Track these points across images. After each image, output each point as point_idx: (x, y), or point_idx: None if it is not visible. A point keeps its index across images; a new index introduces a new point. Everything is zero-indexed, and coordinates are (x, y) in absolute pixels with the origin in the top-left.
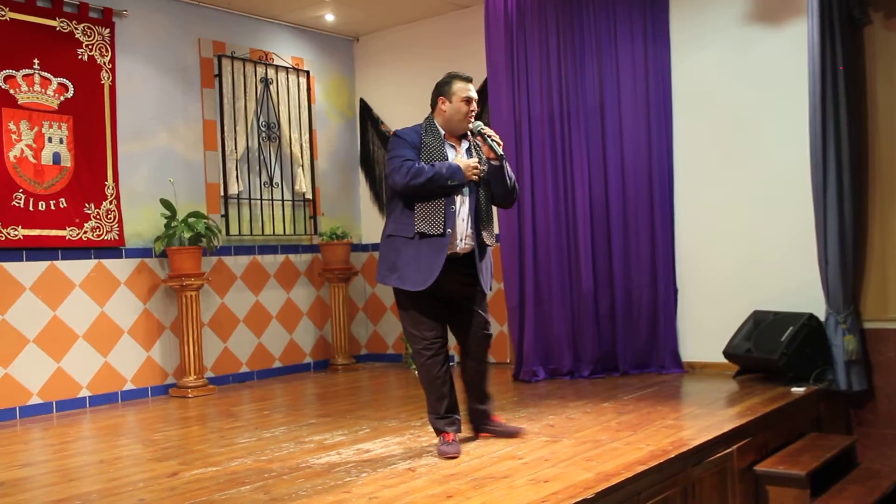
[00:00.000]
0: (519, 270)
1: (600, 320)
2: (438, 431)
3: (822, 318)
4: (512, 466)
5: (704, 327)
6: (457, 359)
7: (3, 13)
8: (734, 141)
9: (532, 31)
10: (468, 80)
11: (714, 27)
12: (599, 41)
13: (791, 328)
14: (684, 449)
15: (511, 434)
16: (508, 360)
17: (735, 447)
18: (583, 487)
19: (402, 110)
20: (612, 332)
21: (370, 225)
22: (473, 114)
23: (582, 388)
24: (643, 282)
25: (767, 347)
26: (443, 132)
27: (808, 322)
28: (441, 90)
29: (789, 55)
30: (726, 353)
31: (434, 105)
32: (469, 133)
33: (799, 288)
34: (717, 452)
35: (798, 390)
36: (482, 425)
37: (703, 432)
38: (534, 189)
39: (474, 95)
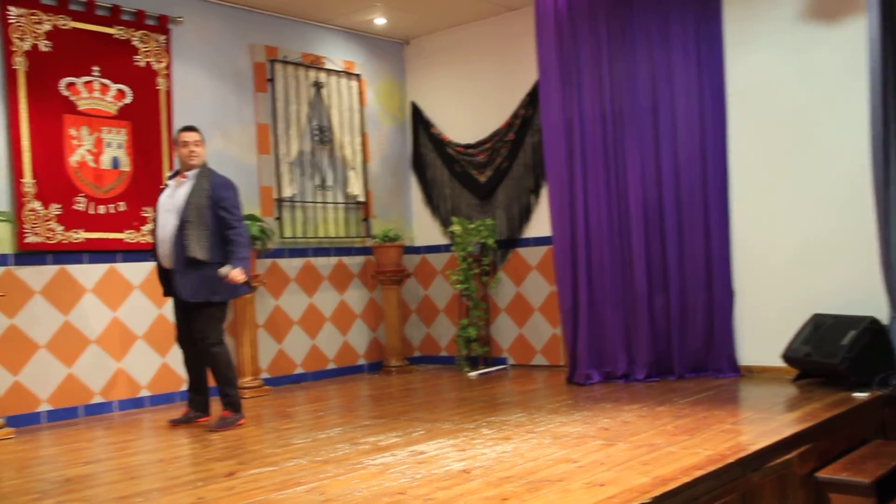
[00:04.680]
0: (572, 273)
1: (655, 323)
2: (239, 407)
3: (884, 321)
4: (567, 470)
5: (762, 330)
6: None
7: (64, 22)
8: (791, 141)
9: (583, 32)
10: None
11: (769, 26)
12: (651, 41)
13: (853, 332)
14: (743, 454)
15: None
16: (562, 363)
17: (795, 453)
18: (639, 492)
19: (453, 113)
20: (667, 334)
21: (422, 227)
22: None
23: (637, 391)
24: (698, 284)
25: (828, 351)
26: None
27: (871, 326)
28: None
29: (847, 52)
30: (785, 357)
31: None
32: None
33: (860, 290)
34: (777, 458)
35: (861, 395)
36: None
37: (761, 437)
38: (586, 191)
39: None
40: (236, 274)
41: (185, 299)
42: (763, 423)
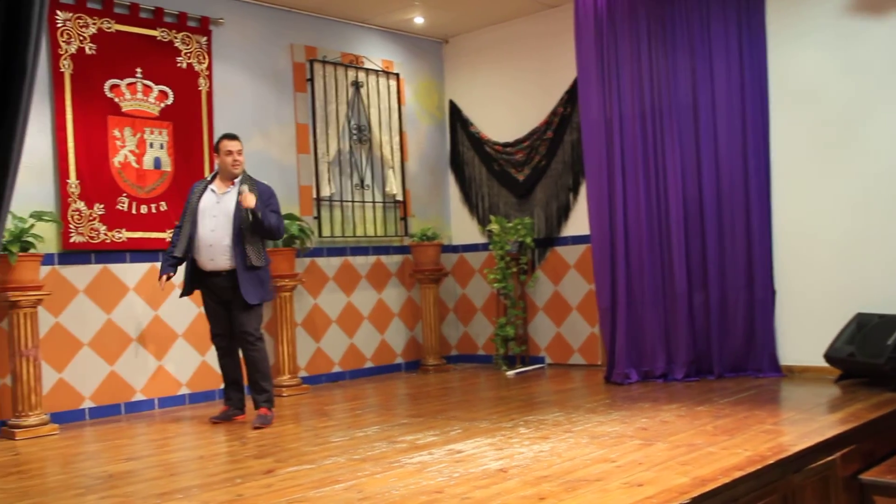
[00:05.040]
0: (611, 272)
1: (694, 322)
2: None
3: None
4: (605, 469)
5: (804, 330)
6: None
7: (109, 25)
8: (835, 137)
9: (622, 29)
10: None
11: (813, 20)
12: (692, 37)
13: None
14: (784, 455)
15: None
16: (600, 362)
17: (838, 454)
18: (678, 492)
19: (491, 111)
20: (707, 334)
21: (460, 226)
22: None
23: (675, 390)
24: (739, 283)
25: (872, 351)
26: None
27: None
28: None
29: (893, 46)
30: (827, 357)
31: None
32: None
33: None
34: (819, 459)
35: None
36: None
37: (803, 438)
38: (625, 189)
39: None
40: (250, 200)
41: (249, 301)
42: (805, 424)
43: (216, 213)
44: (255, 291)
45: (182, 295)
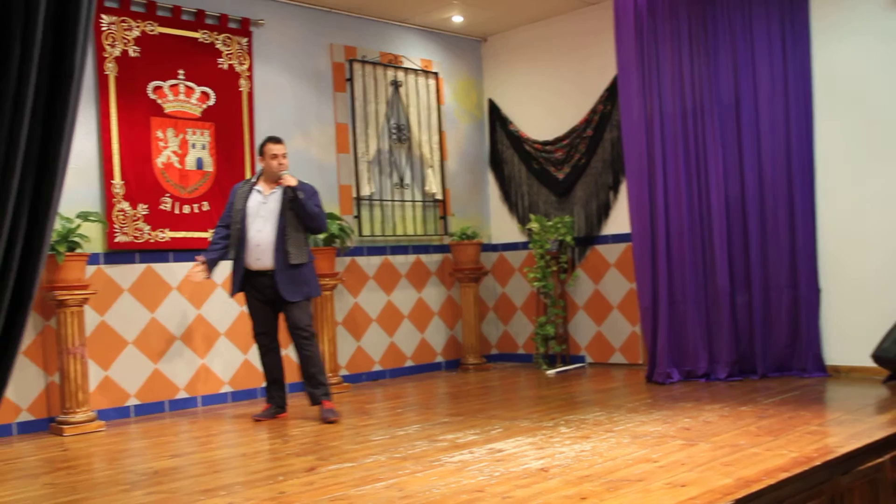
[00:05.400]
0: (652, 270)
1: (737, 321)
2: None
3: None
4: (647, 469)
5: (850, 329)
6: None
7: (152, 28)
8: (881, 135)
9: (663, 26)
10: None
11: (859, 16)
12: (734, 34)
13: None
14: (831, 457)
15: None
16: (641, 362)
17: (888, 456)
18: (722, 493)
19: (530, 110)
20: (750, 333)
21: (500, 225)
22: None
23: (718, 390)
24: (782, 282)
25: None
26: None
27: None
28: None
29: None
30: (875, 357)
31: None
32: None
33: None
34: (868, 461)
35: None
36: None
37: (850, 440)
38: (666, 187)
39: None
40: (292, 179)
41: (288, 299)
42: (852, 425)
43: (263, 214)
44: (295, 289)
45: (232, 294)
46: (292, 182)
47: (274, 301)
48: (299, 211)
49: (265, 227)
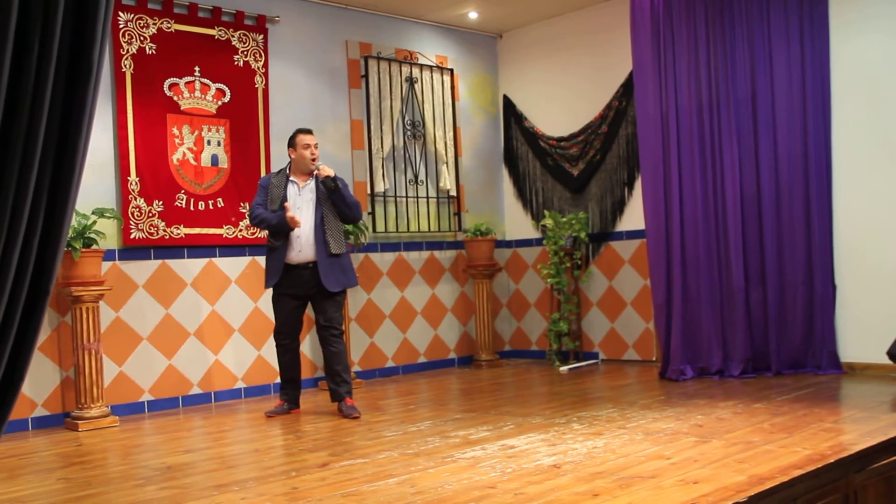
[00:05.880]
0: (666, 267)
1: (752, 318)
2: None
3: None
4: (659, 466)
5: (866, 326)
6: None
7: (168, 25)
8: None
9: (679, 21)
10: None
11: (878, 10)
12: (751, 28)
13: None
14: (845, 454)
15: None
16: (655, 358)
17: None
18: (734, 490)
19: (545, 106)
20: (765, 330)
21: (514, 221)
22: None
23: (732, 387)
24: (798, 278)
25: None
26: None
27: None
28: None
29: None
30: (890, 354)
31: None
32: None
33: None
34: (883, 459)
35: None
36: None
37: (865, 437)
38: (682, 183)
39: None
40: (328, 170)
41: (330, 289)
42: (867, 423)
43: (300, 205)
44: (337, 279)
45: (267, 286)
46: (330, 172)
47: (307, 297)
48: (338, 201)
49: (304, 219)
